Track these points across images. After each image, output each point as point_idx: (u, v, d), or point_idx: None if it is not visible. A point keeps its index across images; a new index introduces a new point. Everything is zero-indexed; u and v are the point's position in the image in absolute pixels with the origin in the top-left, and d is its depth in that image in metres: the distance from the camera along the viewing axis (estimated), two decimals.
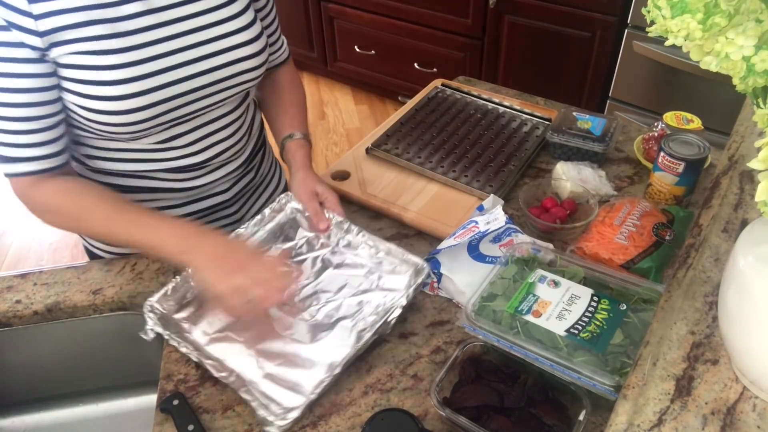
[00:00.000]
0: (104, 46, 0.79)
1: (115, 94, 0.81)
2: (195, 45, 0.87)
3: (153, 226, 0.85)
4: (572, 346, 0.75)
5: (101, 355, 0.98)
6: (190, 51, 0.86)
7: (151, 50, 0.83)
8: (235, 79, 0.92)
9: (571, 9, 2.24)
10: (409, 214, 1.05)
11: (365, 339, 0.80)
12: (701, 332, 0.61)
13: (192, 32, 0.86)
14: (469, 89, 1.37)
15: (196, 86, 0.88)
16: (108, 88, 0.81)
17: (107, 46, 0.80)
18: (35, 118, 0.81)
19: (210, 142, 0.96)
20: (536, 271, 0.87)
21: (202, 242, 0.83)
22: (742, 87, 0.48)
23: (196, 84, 0.88)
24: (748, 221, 0.72)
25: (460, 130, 1.24)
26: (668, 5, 0.48)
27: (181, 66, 0.85)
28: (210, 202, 1.04)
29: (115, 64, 0.80)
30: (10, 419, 0.99)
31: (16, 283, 0.96)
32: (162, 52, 0.84)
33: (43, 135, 0.83)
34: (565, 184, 1.06)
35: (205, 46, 0.87)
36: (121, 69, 0.81)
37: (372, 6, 2.82)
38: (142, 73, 0.82)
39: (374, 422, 0.68)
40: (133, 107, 0.83)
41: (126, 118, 0.83)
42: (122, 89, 0.81)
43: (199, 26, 0.87)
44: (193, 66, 0.87)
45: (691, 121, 1.15)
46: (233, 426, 0.77)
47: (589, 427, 0.73)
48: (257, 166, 1.12)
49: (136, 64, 0.81)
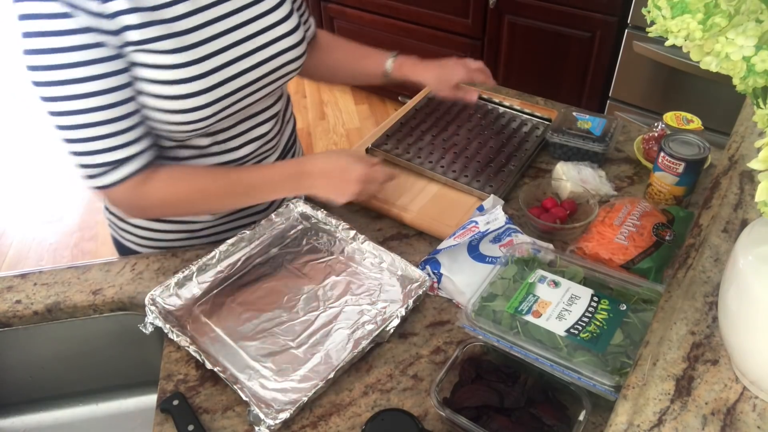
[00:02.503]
0: (165, 46, 0.80)
1: (181, 93, 0.82)
2: (243, 40, 0.88)
3: (265, 175, 0.94)
4: (572, 347, 0.75)
5: (101, 355, 0.98)
6: (240, 46, 0.88)
7: (207, 48, 0.84)
8: (281, 70, 0.95)
9: (571, 9, 2.24)
10: (409, 214, 1.05)
11: (362, 346, 0.80)
12: (701, 332, 0.61)
13: (238, 28, 0.87)
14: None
15: (251, 80, 0.90)
16: (176, 87, 0.82)
17: (167, 47, 0.80)
18: (127, 115, 0.81)
19: (251, 136, 0.98)
20: (536, 271, 0.87)
21: (309, 168, 0.94)
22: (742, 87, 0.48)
23: (251, 78, 0.90)
24: (748, 221, 0.72)
25: (460, 130, 1.24)
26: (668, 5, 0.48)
27: (235, 61, 0.87)
28: None
29: (176, 63, 0.81)
30: (10, 419, 0.99)
31: (16, 283, 0.96)
32: (216, 50, 0.85)
33: (138, 131, 0.84)
34: (565, 184, 1.06)
35: (252, 40, 0.89)
36: (182, 68, 0.82)
37: (372, 6, 2.82)
38: (203, 71, 0.83)
39: (374, 422, 0.68)
40: (199, 104, 0.84)
41: (192, 116, 0.85)
42: (187, 88, 0.83)
43: (244, 21, 0.88)
44: (246, 60, 0.89)
45: (691, 121, 1.15)
46: (233, 426, 0.77)
47: (589, 427, 0.73)
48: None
49: (195, 63, 0.83)
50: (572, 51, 2.33)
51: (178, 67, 0.81)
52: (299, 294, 0.90)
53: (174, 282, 0.90)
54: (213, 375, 0.80)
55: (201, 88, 0.83)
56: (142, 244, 1.07)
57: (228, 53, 0.86)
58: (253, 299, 0.89)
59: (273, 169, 0.95)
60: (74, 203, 2.75)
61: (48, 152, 3.07)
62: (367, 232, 1.01)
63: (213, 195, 0.92)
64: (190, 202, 0.92)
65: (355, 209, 1.10)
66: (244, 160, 0.99)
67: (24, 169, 2.99)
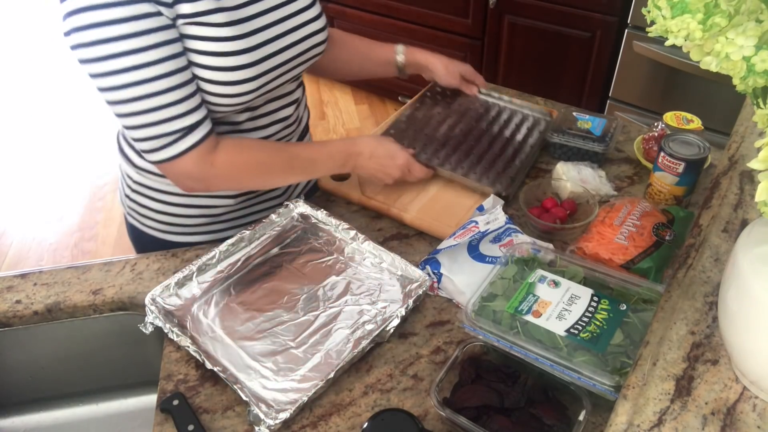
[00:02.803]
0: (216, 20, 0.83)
1: (232, 65, 0.86)
2: (279, 21, 0.93)
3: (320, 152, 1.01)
4: (572, 346, 0.75)
5: (101, 355, 0.98)
6: (277, 26, 0.92)
7: (254, 24, 0.88)
8: (310, 52, 1.00)
9: (571, 9, 2.24)
10: (409, 214, 1.05)
11: (362, 346, 0.80)
12: (701, 332, 0.61)
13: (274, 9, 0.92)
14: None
15: (289, 57, 0.95)
16: (226, 59, 0.85)
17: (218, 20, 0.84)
18: (187, 82, 0.84)
19: (276, 117, 1.03)
20: (536, 271, 0.87)
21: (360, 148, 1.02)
22: (742, 87, 0.48)
23: (289, 55, 0.95)
24: (748, 221, 0.72)
25: (461, 126, 1.23)
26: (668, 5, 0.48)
27: (275, 39, 0.92)
28: None
29: (227, 36, 0.85)
30: (10, 419, 0.99)
31: (16, 283, 0.96)
32: (262, 26, 0.89)
33: (196, 98, 0.86)
34: (565, 184, 1.06)
35: (284, 23, 0.94)
36: (232, 41, 0.85)
37: (372, 6, 2.82)
38: (251, 45, 0.87)
39: (374, 422, 0.68)
40: (245, 77, 0.88)
41: (239, 88, 0.88)
42: (235, 60, 0.86)
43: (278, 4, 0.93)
44: (285, 38, 0.93)
45: (691, 121, 1.15)
46: (233, 426, 0.77)
47: (589, 427, 0.73)
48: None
49: (244, 37, 0.86)
50: (572, 51, 2.33)
51: (228, 39, 0.85)
52: (299, 294, 0.90)
53: (174, 282, 0.90)
54: (213, 375, 0.80)
55: (248, 61, 0.87)
56: (164, 230, 1.08)
57: (271, 30, 0.91)
58: (253, 299, 0.89)
59: (326, 146, 1.03)
60: (74, 203, 2.75)
61: (48, 152, 3.07)
62: (367, 232, 1.01)
63: (274, 167, 0.97)
64: (254, 173, 0.97)
65: (355, 209, 1.10)
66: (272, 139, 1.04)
67: (24, 169, 2.99)
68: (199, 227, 1.07)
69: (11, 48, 4.08)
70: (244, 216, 1.09)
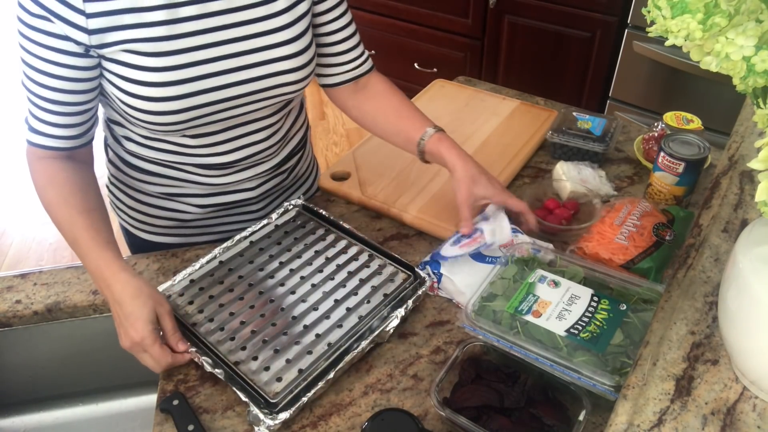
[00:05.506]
0: (156, 48, 0.80)
1: (153, 96, 0.82)
2: (238, 54, 0.86)
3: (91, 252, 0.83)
4: (572, 346, 0.75)
5: (101, 355, 0.98)
6: (233, 59, 0.85)
7: (199, 54, 0.83)
8: (273, 91, 0.91)
9: (571, 9, 2.24)
10: (409, 214, 1.05)
11: (362, 346, 0.80)
12: (701, 332, 0.61)
13: (238, 40, 0.85)
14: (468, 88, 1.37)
15: (234, 95, 0.88)
16: (147, 89, 0.82)
17: (159, 49, 0.80)
18: (66, 103, 0.83)
19: (241, 143, 0.96)
20: (536, 271, 0.87)
21: (114, 284, 0.80)
22: (742, 87, 0.48)
23: (235, 92, 0.87)
24: (748, 221, 0.72)
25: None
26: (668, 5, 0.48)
27: (222, 74, 0.85)
28: (234, 198, 1.04)
29: (160, 66, 0.81)
30: (10, 419, 0.99)
31: (16, 283, 0.96)
32: (208, 57, 0.83)
33: (68, 119, 0.85)
34: (566, 184, 1.06)
35: (247, 56, 0.86)
36: (164, 72, 0.81)
37: (372, 6, 2.82)
38: (182, 78, 0.82)
39: (374, 422, 0.68)
40: (168, 109, 0.84)
41: (161, 119, 0.85)
42: (161, 91, 0.82)
43: (245, 35, 0.85)
44: (234, 74, 0.86)
45: (691, 121, 1.15)
46: (233, 426, 0.77)
47: (589, 427, 0.73)
48: (292, 167, 1.11)
49: (180, 68, 0.82)
50: (572, 51, 2.33)
51: (160, 70, 0.81)
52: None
53: (174, 282, 0.90)
54: (213, 375, 0.80)
55: (175, 93, 0.83)
56: (137, 226, 1.09)
57: (217, 64, 0.84)
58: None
59: (97, 253, 0.83)
60: None
61: None
62: (367, 232, 1.01)
63: (60, 224, 0.86)
64: (47, 208, 0.87)
65: (355, 209, 1.10)
66: (234, 165, 0.98)
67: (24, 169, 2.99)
68: (170, 229, 1.07)
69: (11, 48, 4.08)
70: (215, 225, 1.08)
